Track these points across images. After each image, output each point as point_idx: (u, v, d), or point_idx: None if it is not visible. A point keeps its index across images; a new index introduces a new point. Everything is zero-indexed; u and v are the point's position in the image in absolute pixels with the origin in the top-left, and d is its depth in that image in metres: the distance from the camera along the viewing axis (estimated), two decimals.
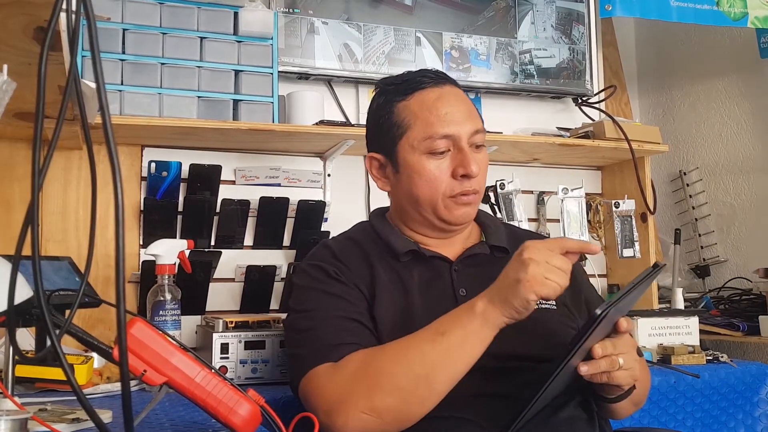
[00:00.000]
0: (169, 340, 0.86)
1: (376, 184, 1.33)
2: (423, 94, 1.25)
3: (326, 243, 1.33)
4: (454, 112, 1.23)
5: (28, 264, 0.66)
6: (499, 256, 1.30)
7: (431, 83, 1.26)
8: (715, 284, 2.50)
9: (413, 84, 1.27)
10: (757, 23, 2.30)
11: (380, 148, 1.30)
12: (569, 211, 2.15)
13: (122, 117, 1.82)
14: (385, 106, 1.28)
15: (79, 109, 0.68)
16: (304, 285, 1.25)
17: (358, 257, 1.26)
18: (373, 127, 1.33)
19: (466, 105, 1.27)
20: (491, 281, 1.24)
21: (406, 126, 1.24)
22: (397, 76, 1.32)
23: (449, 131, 1.22)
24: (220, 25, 1.97)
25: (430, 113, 1.22)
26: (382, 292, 1.21)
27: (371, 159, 1.32)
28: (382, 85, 1.33)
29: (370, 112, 1.34)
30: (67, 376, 0.65)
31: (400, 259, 1.26)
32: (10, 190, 1.90)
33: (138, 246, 2.00)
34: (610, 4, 2.26)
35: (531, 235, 1.45)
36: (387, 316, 1.19)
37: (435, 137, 1.21)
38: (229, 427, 0.86)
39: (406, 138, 1.24)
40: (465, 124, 1.23)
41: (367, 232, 1.33)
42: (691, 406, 1.76)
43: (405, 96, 1.26)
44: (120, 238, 0.60)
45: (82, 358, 1.34)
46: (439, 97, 1.24)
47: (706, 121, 2.64)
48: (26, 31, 1.03)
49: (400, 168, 1.26)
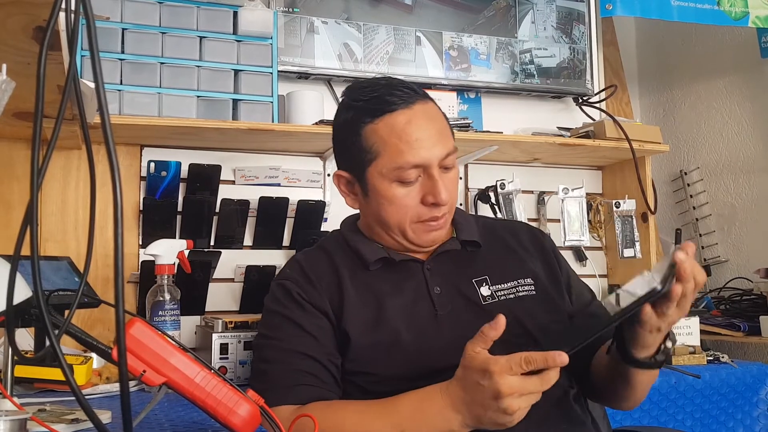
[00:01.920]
0: (169, 340, 0.85)
1: (345, 201, 1.30)
2: (392, 118, 1.18)
3: (297, 257, 1.32)
4: (425, 138, 1.18)
5: (27, 264, 0.66)
6: (471, 250, 1.29)
7: (401, 104, 1.19)
8: (716, 284, 2.50)
9: (381, 104, 1.19)
10: (757, 23, 2.30)
11: (348, 168, 1.26)
12: (569, 211, 2.15)
13: (121, 117, 1.81)
14: (352, 126, 1.22)
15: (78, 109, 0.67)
16: (269, 307, 1.27)
17: (327, 271, 1.25)
18: (339, 144, 1.29)
19: (437, 124, 1.21)
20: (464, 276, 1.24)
21: (375, 153, 1.19)
22: (365, 88, 1.24)
23: (419, 160, 1.17)
24: (219, 24, 1.97)
25: (399, 140, 1.17)
26: (350, 305, 1.20)
27: (339, 177, 1.28)
28: (349, 98, 1.26)
29: (336, 127, 1.29)
30: (66, 377, 0.65)
31: (370, 267, 1.25)
32: (9, 190, 1.90)
33: (137, 246, 1.99)
34: (610, 3, 2.25)
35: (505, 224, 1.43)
36: (357, 328, 1.18)
37: (405, 167, 1.17)
38: (228, 428, 0.86)
39: (375, 165, 1.20)
40: (435, 148, 1.18)
41: (338, 242, 1.32)
42: (691, 407, 1.76)
43: (373, 118, 1.20)
44: (119, 238, 0.60)
45: (82, 359, 1.34)
46: (408, 121, 1.18)
47: (706, 120, 2.64)
48: (25, 30, 1.03)
49: (369, 192, 1.23)
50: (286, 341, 1.20)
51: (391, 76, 1.28)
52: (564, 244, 2.13)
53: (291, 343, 1.19)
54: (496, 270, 1.26)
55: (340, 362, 1.20)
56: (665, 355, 1.11)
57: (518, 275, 1.26)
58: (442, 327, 1.18)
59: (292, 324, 1.21)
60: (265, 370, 1.20)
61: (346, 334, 1.19)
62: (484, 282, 1.24)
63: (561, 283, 1.31)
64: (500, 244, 1.32)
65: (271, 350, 1.21)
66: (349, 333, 1.18)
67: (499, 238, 1.33)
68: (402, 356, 1.16)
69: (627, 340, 1.10)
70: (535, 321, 1.21)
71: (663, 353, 1.10)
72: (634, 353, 1.09)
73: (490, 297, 1.23)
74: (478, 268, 1.27)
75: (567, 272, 1.35)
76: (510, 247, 1.32)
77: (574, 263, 2.43)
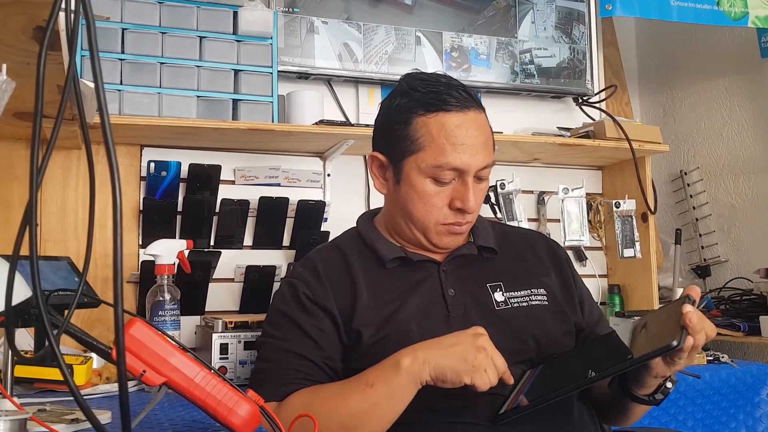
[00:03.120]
0: (169, 340, 0.85)
1: (374, 182, 1.31)
2: (445, 117, 1.20)
3: (311, 255, 1.32)
4: (470, 145, 1.19)
5: (27, 264, 0.66)
6: (487, 256, 1.30)
7: (458, 106, 1.20)
8: (716, 284, 2.50)
9: (439, 101, 1.21)
10: (757, 23, 2.30)
11: (386, 152, 1.27)
12: (569, 211, 2.15)
13: (121, 117, 1.81)
14: (405, 112, 1.23)
15: (78, 109, 0.67)
16: (275, 305, 1.28)
17: (340, 270, 1.26)
18: (384, 126, 1.28)
19: (484, 135, 1.22)
20: (479, 281, 1.25)
21: (419, 145, 1.20)
22: (426, 81, 1.25)
23: (459, 164, 1.19)
24: (219, 24, 1.97)
25: (446, 140, 1.18)
26: (363, 305, 1.21)
27: (374, 158, 1.29)
28: (408, 85, 1.26)
29: (385, 108, 1.29)
30: (64, 377, 0.64)
31: (387, 266, 1.25)
32: (8, 190, 1.90)
33: (137, 246, 1.99)
34: (610, 3, 2.25)
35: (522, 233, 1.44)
36: (369, 327, 1.19)
37: (444, 167, 1.19)
38: (228, 428, 0.86)
39: (416, 157, 1.21)
40: (477, 157, 1.20)
41: (354, 240, 1.32)
42: (692, 407, 1.76)
43: (427, 112, 1.21)
44: (118, 238, 0.60)
45: (81, 359, 1.34)
46: (459, 125, 1.19)
47: (706, 120, 2.64)
48: (25, 30, 1.03)
49: (402, 181, 1.24)
50: (285, 341, 1.21)
51: (452, 77, 1.28)
52: (564, 244, 2.13)
53: (289, 344, 1.20)
54: (511, 277, 1.27)
55: (338, 366, 1.20)
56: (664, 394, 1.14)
57: (532, 284, 1.27)
58: (453, 328, 1.18)
59: (294, 325, 1.21)
60: (262, 368, 1.22)
61: (357, 333, 1.19)
62: (498, 288, 1.25)
63: (574, 296, 1.31)
64: (516, 252, 1.33)
65: (270, 350, 1.23)
66: (361, 331, 1.18)
67: (515, 246, 1.34)
68: None
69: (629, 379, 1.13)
70: (546, 331, 1.22)
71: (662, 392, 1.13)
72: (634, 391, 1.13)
73: (503, 303, 1.23)
74: (493, 273, 1.27)
75: (581, 286, 1.36)
76: (525, 257, 1.33)
77: (574, 263, 2.42)
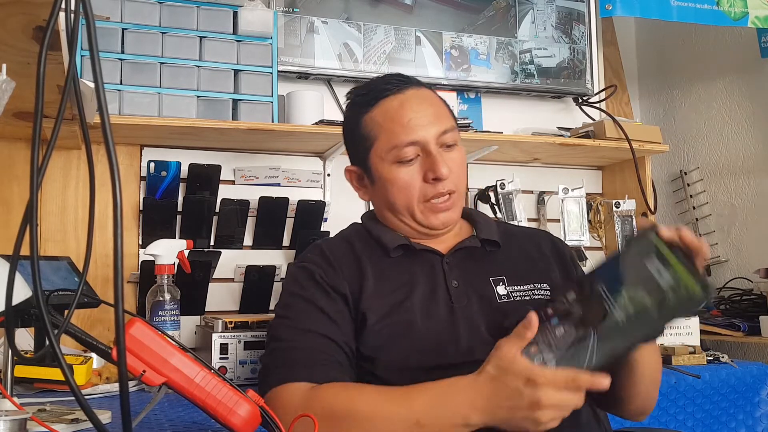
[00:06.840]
0: (169, 340, 0.85)
1: (358, 195, 1.35)
2: (386, 103, 1.25)
3: (318, 243, 1.33)
4: (418, 117, 1.22)
5: (27, 264, 0.66)
6: (491, 249, 1.30)
7: (394, 90, 1.26)
8: (716, 284, 2.49)
9: (376, 93, 1.27)
10: (757, 23, 2.30)
11: (355, 161, 1.33)
12: (570, 211, 2.15)
13: (121, 117, 1.81)
14: (353, 118, 1.30)
15: (77, 109, 0.67)
16: (289, 290, 1.26)
17: (348, 257, 1.27)
18: (346, 140, 1.36)
19: (431, 107, 1.26)
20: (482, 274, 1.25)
21: (373, 138, 1.25)
22: (364, 86, 1.33)
23: (414, 138, 1.22)
24: (219, 24, 1.97)
25: (393, 122, 1.23)
26: (369, 292, 1.21)
27: (350, 172, 1.35)
28: (351, 95, 1.34)
29: (343, 125, 1.37)
30: (66, 376, 0.65)
31: (391, 254, 1.26)
32: (8, 190, 1.90)
33: (137, 246, 1.99)
34: (610, 3, 2.25)
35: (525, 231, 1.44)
36: (375, 313, 1.19)
37: (400, 146, 1.22)
38: (228, 428, 0.86)
39: (375, 150, 1.25)
40: (430, 127, 1.22)
41: (358, 232, 1.34)
42: (692, 407, 1.76)
43: (369, 107, 1.26)
44: (118, 238, 0.60)
45: (81, 359, 1.34)
46: (401, 104, 1.24)
47: (706, 120, 2.64)
48: (25, 30, 1.03)
49: (375, 179, 1.27)
50: (305, 322, 1.19)
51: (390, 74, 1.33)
52: None
53: (310, 324, 1.18)
54: (514, 271, 1.27)
55: (355, 348, 1.19)
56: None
57: (535, 279, 1.27)
58: (456, 319, 1.19)
59: (312, 306, 1.20)
60: (280, 347, 1.18)
61: (363, 316, 1.19)
62: (501, 281, 1.25)
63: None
64: (519, 248, 1.33)
65: (288, 330, 1.19)
66: (367, 316, 1.18)
67: (518, 242, 1.35)
68: (413, 344, 1.16)
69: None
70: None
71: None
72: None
73: (506, 296, 1.23)
74: (496, 267, 1.28)
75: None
76: (529, 253, 1.33)
77: None
